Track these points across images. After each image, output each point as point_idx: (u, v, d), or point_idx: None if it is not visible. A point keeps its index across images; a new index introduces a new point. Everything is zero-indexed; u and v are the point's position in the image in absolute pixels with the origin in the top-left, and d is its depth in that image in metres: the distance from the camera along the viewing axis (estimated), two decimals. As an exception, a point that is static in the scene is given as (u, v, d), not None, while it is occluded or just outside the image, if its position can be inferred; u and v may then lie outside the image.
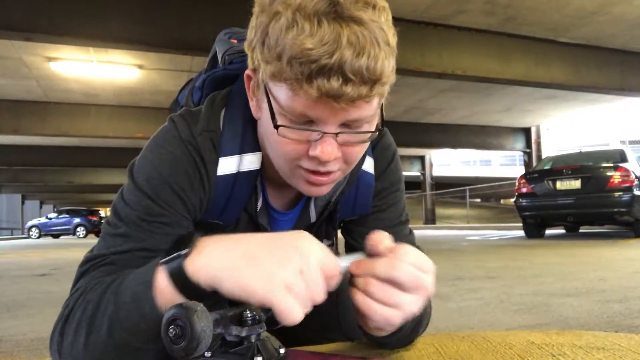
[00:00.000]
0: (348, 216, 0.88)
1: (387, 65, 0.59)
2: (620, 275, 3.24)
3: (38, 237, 24.11)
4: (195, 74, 1.02)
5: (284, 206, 0.85)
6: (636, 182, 7.24)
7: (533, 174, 8.40)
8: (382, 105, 0.73)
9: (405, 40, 6.74)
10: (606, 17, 6.89)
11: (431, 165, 20.92)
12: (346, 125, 0.63)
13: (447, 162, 27.39)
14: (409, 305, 0.58)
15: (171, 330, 0.51)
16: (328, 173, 0.67)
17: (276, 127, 0.63)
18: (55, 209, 33.33)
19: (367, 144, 0.66)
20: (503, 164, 32.26)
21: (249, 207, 0.80)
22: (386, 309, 0.57)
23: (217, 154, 0.75)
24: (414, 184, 21.45)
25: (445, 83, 9.81)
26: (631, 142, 24.54)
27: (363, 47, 0.57)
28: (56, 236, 24.07)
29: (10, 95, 10.06)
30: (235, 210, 0.80)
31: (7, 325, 2.26)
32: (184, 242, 0.69)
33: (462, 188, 19.39)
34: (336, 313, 0.91)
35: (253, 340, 0.57)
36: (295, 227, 0.86)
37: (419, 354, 0.76)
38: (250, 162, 0.76)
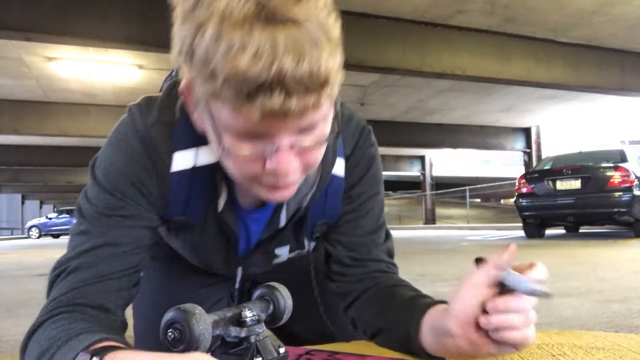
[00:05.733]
0: (318, 218, 0.86)
1: (332, 64, 0.53)
2: (620, 275, 3.24)
3: (38, 237, 24.11)
4: None
5: (254, 203, 0.81)
6: (636, 182, 7.23)
7: (533, 174, 8.39)
8: (336, 103, 0.71)
9: (405, 40, 6.72)
10: (606, 17, 6.89)
11: (431, 165, 20.93)
12: (299, 131, 0.58)
13: (447, 162, 27.37)
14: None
15: (170, 333, 0.51)
16: (288, 185, 0.64)
17: (223, 148, 0.61)
18: (55, 209, 33.27)
19: (325, 145, 0.63)
20: (503, 163, 32.23)
21: (213, 205, 0.76)
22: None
23: (171, 147, 0.72)
24: (414, 184, 21.45)
25: (445, 83, 9.80)
26: (631, 142, 24.52)
27: (303, 52, 0.50)
28: (56, 236, 24.03)
29: (10, 95, 10.05)
30: (198, 207, 0.77)
31: (7, 325, 2.26)
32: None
33: (462, 188, 19.39)
34: (326, 316, 0.89)
35: (252, 341, 0.57)
36: (265, 230, 0.85)
37: (419, 355, 0.75)
38: (207, 155, 0.72)
